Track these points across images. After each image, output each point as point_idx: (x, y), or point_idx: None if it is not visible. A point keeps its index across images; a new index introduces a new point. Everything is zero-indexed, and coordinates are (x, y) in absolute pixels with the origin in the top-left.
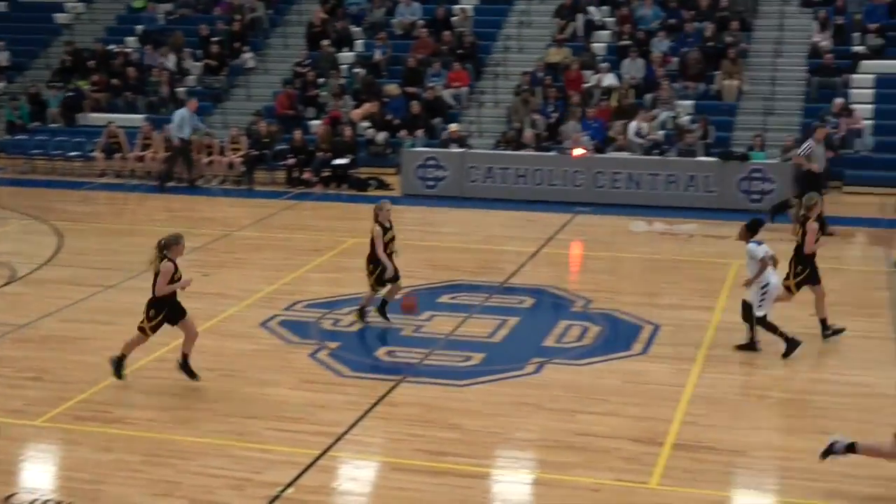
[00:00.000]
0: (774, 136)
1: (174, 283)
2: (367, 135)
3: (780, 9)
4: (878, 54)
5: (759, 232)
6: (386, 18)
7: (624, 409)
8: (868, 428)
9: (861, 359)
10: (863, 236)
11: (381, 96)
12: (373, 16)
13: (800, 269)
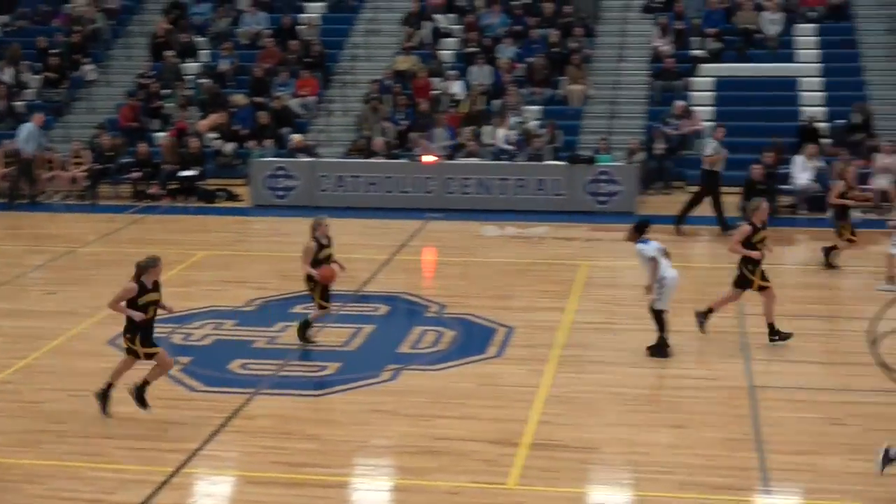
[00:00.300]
0: (619, 138)
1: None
2: (214, 146)
3: (621, 15)
4: (717, 58)
5: (645, 232)
6: (231, 28)
7: (480, 411)
8: (717, 420)
9: (709, 353)
10: (708, 234)
11: (228, 107)
12: (217, 26)
13: (750, 266)
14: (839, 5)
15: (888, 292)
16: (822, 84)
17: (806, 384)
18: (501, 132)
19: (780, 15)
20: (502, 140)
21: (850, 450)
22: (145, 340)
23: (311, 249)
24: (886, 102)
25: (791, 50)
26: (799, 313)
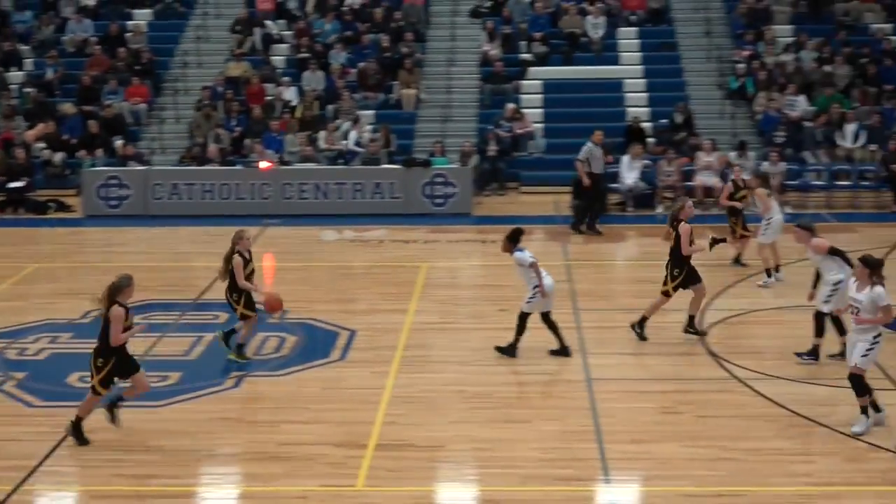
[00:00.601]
0: (453, 141)
1: (127, 330)
2: (42, 156)
3: (450, 20)
4: (544, 61)
5: (520, 240)
6: (56, 36)
7: (326, 415)
8: (557, 414)
9: (545, 348)
10: (541, 233)
11: (56, 116)
12: (41, 34)
13: (676, 271)
14: (659, 9)
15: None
16: (646, 85)
17: (640, 375)
18: (353, 134)
19: (602, 19)
20: (353, 142)
21: (684, 437)
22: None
23: (240, 263)
24: (705, 102)
25: (615, 53)
26: (630, 307)
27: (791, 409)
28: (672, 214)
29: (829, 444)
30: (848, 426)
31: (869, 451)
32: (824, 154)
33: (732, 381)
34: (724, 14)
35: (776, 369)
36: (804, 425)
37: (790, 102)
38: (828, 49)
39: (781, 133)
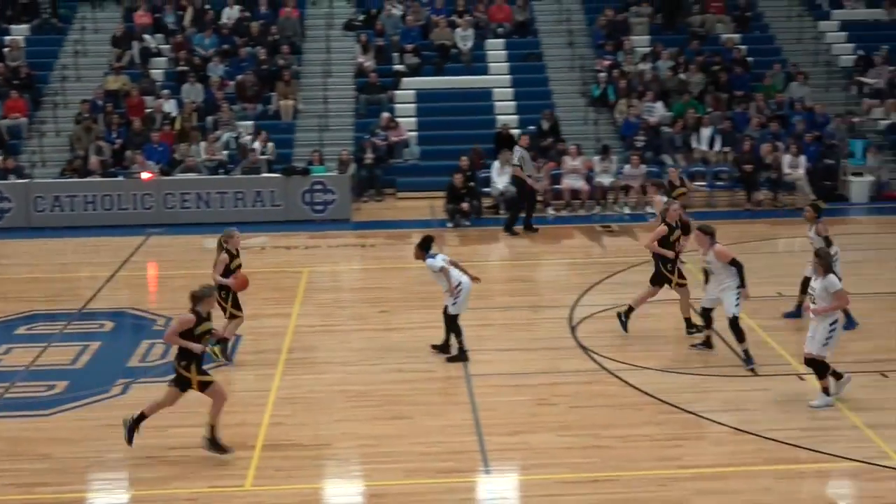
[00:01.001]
0: (331, 150)
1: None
2: None
3: (325, 33)
4: (416, 72)
5: (431, 247)
6: None
7: None
8: (438, 409)
9: (426, 347)
10: (418, 237)
11: None
12: None
13: (669, 266)
14: (524, 22)
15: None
16: (513, 94)
17: (516, 370)
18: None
19: (471, 31)
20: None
21: (559, 427)
22: (200, 369)
23: (223, 260)
24: (570, 109)
25: (484, 63)
26: (505, 305)
27: (658, 397)
28: (661, 216)
29: (695, 429)
30: (712, 412)
31: (734, 434)
32: (681, 157)
33: (602, 372)
34: (586, 26)
35: (643, 360)
36: (671, 412)
37: (649, 109)
38: (682, 58)
39: (641, 137)
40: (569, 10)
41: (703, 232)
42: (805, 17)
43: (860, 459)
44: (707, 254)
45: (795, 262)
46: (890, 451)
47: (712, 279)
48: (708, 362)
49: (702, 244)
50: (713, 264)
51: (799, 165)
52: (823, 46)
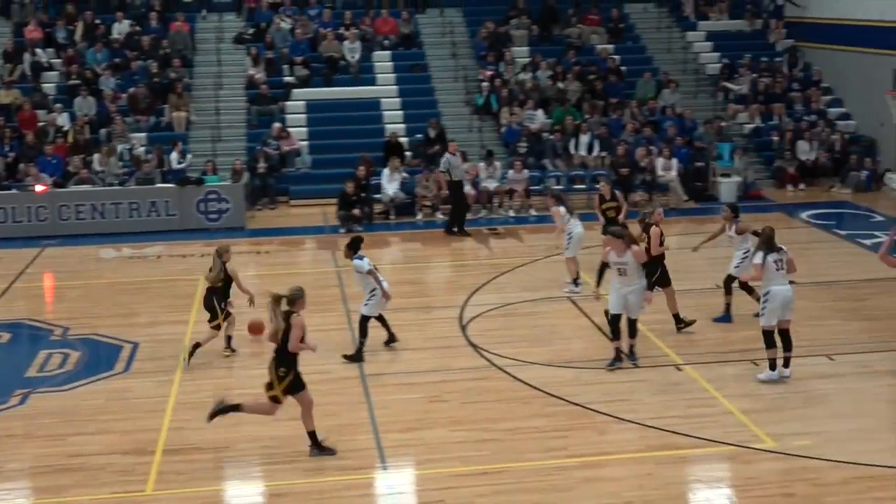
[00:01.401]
0: (224, 160)
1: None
2: None
3: (215, 46)
4: (306, 83)
5: (360, 248)
6: None
7: (113, 425)
8: (335, 409)
9: (322, 349)
10: (312, 242)
11: None
12: None
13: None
14: (409, 34)
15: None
16: (401, 104)
17: (409, 369)
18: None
19: (358, 44)
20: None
21: (451, 422)
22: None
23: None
24: (455, 118)
25: (372, 74)
26: (398, 307)
27: (545, 390)
28: (644, 219)
29: (580, 420)
30: (596, 403)
31: (616, 423)
32: (562, 162)
33: (492, 368)
34: (468, 38)
35: (529, 356)
36: (558, 404)
37: (530, 116)
38: (560, 68)
39: (524, 144)
40: (451, 22)
41: (616, 236)
42: (673, 28)
43: (735, 443)
44: (623, 255)
45: (670, 260)
46: (762, 434)
47: (621, 280)
48: (590, 356)
49: (616, 247)
50: (629, 265)
51: (671, 168)
52: (691, 55)
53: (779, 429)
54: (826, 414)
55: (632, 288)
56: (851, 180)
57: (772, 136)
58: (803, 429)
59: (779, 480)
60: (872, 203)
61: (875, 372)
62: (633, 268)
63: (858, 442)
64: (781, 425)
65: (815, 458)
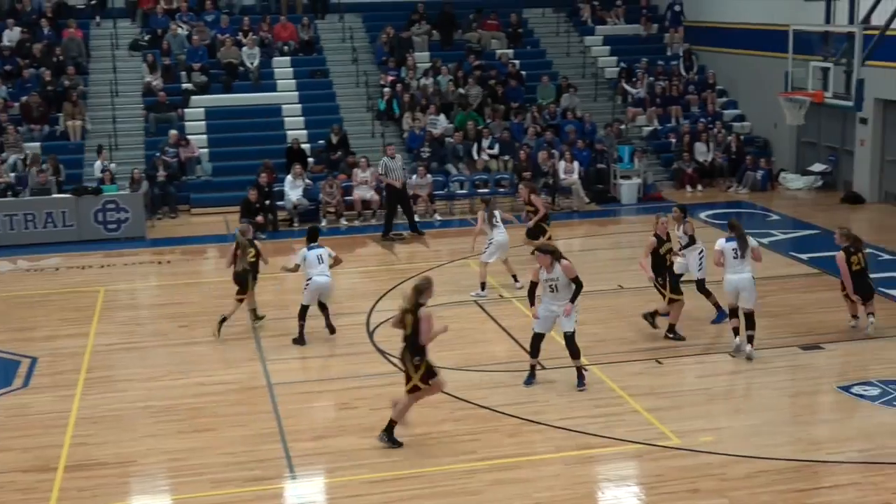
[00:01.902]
0: (122, 168)
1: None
2: None
3: (111, 53)
4: (205, 90)
5: (317, 238)
6: None
7: (12, 442)
8: (242, 419)
9: (228, 359)
10: (215, 251)
11: None
12: None
13: (661, 280)
14: (309, 40)
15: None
16: (302, 110)
17: (318, 377)
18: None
19: (257, 50)
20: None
21: (361, 429)
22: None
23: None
24: (357, 123)
25: (272, 81)
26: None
27: (454, 395)
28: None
29: (489, 423)
30: (504, 406)
31: (525, 425)
32: (465, 166)
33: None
34: (369, 43)
35: (437, 361)
36: (467, 408)
37: (432, 121)
38: (461, 73)
39: (427, 149)
40: (351, 28)
41: (543, 252)
42: (572, 32)
43: (642, 441)
44: (552, 271)
45: (574, 261)
46: (668, 431)
47: (552, 297)
48: (498, 359)
49: (544, 262)
50: (560, 280)
51: (573, 171)
52: (590, 60)
53: (684, 426)
54: (729, 410)
55: (562, 303)
56: (747, 180)
57: (670, 139)
58: (707, 425)
59: (684, 477)
60: (768, 202)
61: (775, 367)
62: (564, 283)
63: (760, 436)
64: (686, 422)
65: (718, 454)
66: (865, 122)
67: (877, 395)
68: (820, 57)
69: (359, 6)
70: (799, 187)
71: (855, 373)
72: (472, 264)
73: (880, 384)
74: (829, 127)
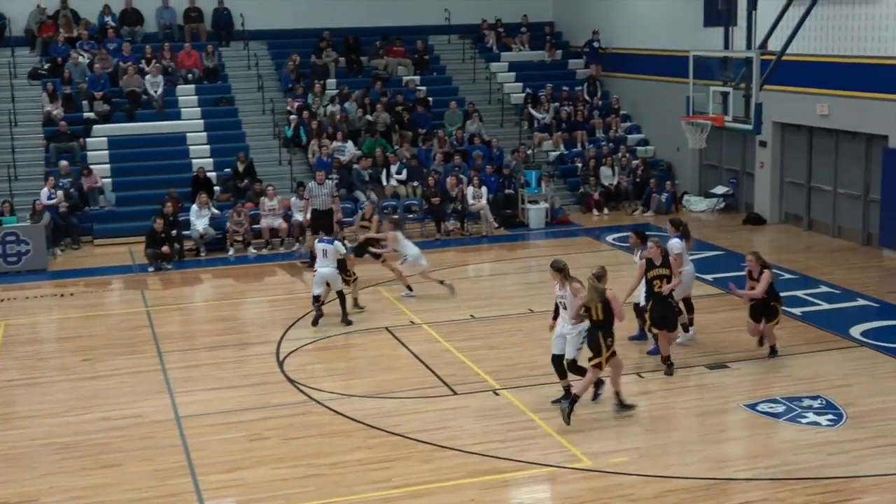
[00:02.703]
0: (22, 200)
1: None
2: None
3: (9, 82)
4: (107, 119)
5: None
6: None
7: None
8: (149, 454)
9: (133, 392)
10: (119, 282)
11: None
12: None
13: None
14: (213, 68)
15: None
16: (207, 138)
17: (227, 408)
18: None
19: (161, 78)
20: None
21: (273, 460)
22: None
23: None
24: (264, 151)
25: (176, 109)
26: (213, 344)
27: (366, 422)
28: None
29: (403, 450)
30: (417, 432)
31: (438, 451)
32: (374, 192)
33: (311, 403)
34: (275, 70)
35: (349, 389)
36: (379, 436)
37: (340, 148)
38: (368, 99)
39: (335, 176)
40: (256, 55)
41: (553, 268)
42: (478, 59)
43: (554, 464)
44: (562, 289)
45: (484, 286)
46: (579, 454)
47: (563, 315)
48: (410, 386)
49: (554, 278)
50: (567, 300)
51: (481, 196)
52: (496, 85)
53: (595, 447)
54: (639, 430)
55: (570, 326)
56: (652, 203)
57: (576, 163)
58: (618, 446)
59: (597, 498)
60: None
61: (683, 387)
62: (571, 303)
63: (670, 456)
64: (597, 444)
65: (629, 475)
66: (765, 144)
67: (782, 412)
68: (720, 82)
69: (264, 33)
70: (702, 209)
71: (760, 390)
72: (382, 290)
73: (785, 401)
74: (731, 150)
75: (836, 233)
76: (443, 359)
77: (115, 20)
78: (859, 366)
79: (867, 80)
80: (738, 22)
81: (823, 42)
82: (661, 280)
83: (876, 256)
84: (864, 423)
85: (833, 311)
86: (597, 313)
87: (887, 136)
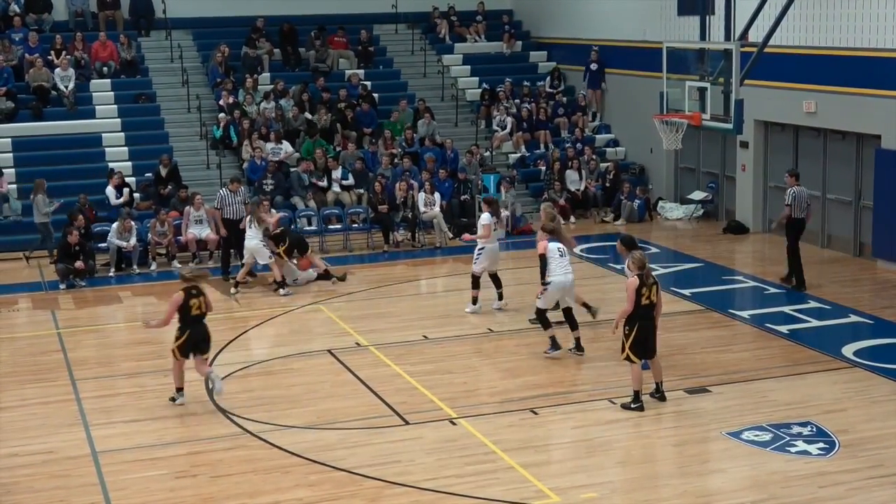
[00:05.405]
0: None
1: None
2: None
3: None
4: (12, 118)
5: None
6: None
7: None
8: (62, 494)
9: (44, 425)
10: (27, 301)
11: None
12: None
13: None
14: (131, 61)
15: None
16: (125, 139)
17: (150, 442)
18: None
19: (72, 72)
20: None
21: (201, 500)
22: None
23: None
24: (190, 153)
25: (90, 106)
26: (132, 371)
27: (307, 456)
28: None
29: (348, 487)
30: (364, 467)
31: (387, 487)
32: (313, 198)
33: (245, 435)
34: (201, 63)
35: (287, 419)
36: (322, 471)
37: (275, 149)
38: (307, 96)
39: (270, 181)
40: (180, 46)
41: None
42: (428, 51)
43: (518, 501)
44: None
45: (439, 303)
46: (546, 489)
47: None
48: (356, 415)
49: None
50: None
51: (434, 203)
52: (449, 80)
53: (563, 482)
54: (611, 462)
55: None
56: (624, 210)
57: (539, 166)
58: (588, 480)
59: None
60: (646, 234)
61: (659, 414)
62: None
63: (644, 490)
64: (565, 478)
65: None
66: (746, 145)
67: (769, 441)
68: (696, 76)
69: (188, 21)
70: (678, 217)
71: (745, 417)
72: (324, 309)
73: (772, 428)
74: (709, 152)
75: (825, 243)
76: (392, 384)
77: (20, 6)
78: (853, 388)
79: (858, 75)
80: (715, 10)
81: (810, 32)
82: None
83: (869, 268)
84: (859, 452)
85: (823, 329)
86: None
87: (880, 135)
